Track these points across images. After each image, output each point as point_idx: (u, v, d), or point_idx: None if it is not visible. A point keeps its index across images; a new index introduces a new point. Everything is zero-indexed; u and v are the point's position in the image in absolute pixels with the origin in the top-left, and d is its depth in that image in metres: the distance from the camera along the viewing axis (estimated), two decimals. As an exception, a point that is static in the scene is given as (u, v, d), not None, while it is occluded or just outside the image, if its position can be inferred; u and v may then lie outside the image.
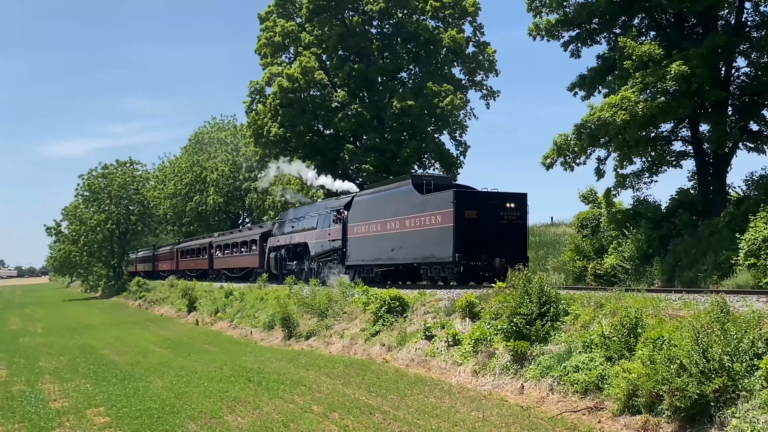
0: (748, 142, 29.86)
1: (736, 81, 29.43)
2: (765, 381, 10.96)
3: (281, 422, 14.25)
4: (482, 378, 17.27)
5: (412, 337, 21.44)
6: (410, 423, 13.81)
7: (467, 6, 51.48)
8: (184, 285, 51.38)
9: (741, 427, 10.67)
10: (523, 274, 18.17)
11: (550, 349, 16.26)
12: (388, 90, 50.70)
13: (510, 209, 26.38)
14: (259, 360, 23.43)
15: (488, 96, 54.18)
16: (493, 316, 19.00)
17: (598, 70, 31.33)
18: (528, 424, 13.35)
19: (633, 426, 12.40)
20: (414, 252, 28.31)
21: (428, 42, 50.99)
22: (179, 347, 29.29)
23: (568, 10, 31.32)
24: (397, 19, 52.06)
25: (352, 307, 26.63)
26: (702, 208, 28.55)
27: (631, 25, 30.58)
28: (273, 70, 51.75)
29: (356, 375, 19.24)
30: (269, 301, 33.64)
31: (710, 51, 26.44)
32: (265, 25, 53.78)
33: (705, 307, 13.18)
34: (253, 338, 30.92)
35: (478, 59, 52.71)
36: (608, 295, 16.86)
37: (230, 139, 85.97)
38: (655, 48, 27.19)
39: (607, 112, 27.11)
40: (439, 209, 26.47)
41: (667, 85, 26.26)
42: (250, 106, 56.23)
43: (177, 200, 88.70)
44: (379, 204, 31.66)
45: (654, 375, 12.10)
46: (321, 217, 36.95)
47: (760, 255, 21.50)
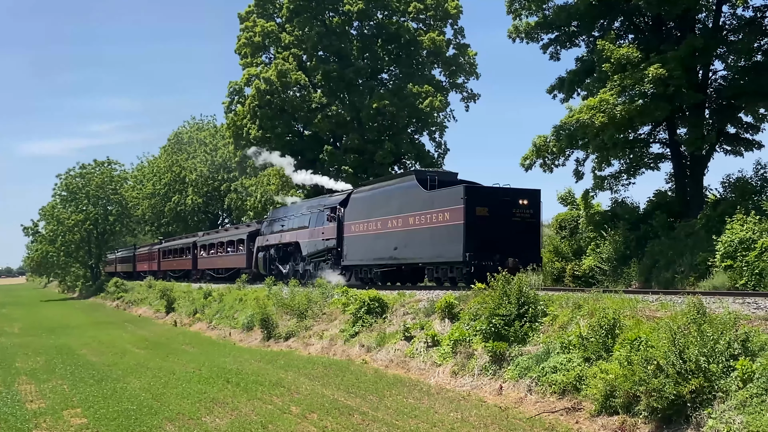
0: (725, 145, 30.16)
1: (713, 84, 29.72)
2: (741, 382, 11.06)
3: (259, 423, 14.21)
4: (461, 379, 17.31)
5: (391, 338, 21.45)
6: (389, 424, 13.82)
7: (449, 9, 51.67)
8: (163, 285, 51.12)
9: (717, 428, 10.75)
10: (502, 275, 18.20)
11: (528, 349, 16.33)
12: (367, 91, 50.77)
13: (523, 206, 25.27)
14: (238, 361, 23.35)
15: (468, 98, 54.43)
16: (472, 317, 19.05)
17: (577, 73, 31.53)
18: (506, 425, 13.39)
19: (610, 426, 12.47)
20: (419, 251, 26.99)
21: (408, 43, 51.13)
22: (157, 348, 29.14)
23: (547, 12, 31.53)
24: (377, 20, 52.15)
25: (332, 307, 26.62)
26: (679, 210, 28.78)
27: (610, 28, 30.79)
28: (252, 71, 51.75)
29: (335, 376, 19.22)
30: (248, 301, 33.53)
31: (688, 54, 26.67)
32: (245, 25, 53.75)
33: (682, 309, 13.27)
34: (231, 339, 30.81)
35: (459, 62, 52.92)
36: (586, 296, 16.94)
37: (209, 140, 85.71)
38: (633, 51, 27.39)
39: (585, 114, 27.29)
40: (447, 206, 25.21)
41: (645, 87, 26.45)
42: (229, 106, 56.16)
43: (155, 200, 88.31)
44: (379, 201, 30.21)
45: (631, 376, 12.17)
46: (314, 216, 35.73)
47: (736, 257, 21.71)
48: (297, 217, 38.28)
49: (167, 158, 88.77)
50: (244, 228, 49.79)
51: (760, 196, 25.25)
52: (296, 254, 38.07)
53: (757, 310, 13.30)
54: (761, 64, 27.63)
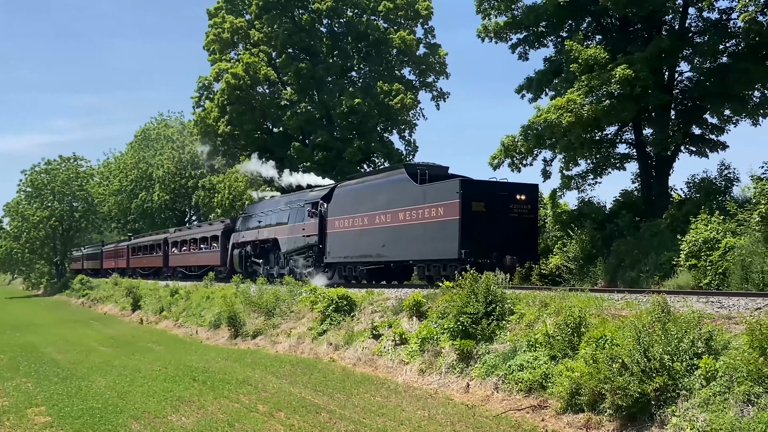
0: (690, 146, 30.51)
1: (679, 85, 30.04)
2: (704, 380, 11.20)
3: (226, 422, 14.15)
4: (428, 377, 17.37)
5: (359, 336, 21.47)
6: (356, 422, 13.82)
7: (420, 9, 51.78)
8: (129, 283, 50.68)
9: (681, 426, 10.88)
10: (470, 273, 18.28)
11: (495, 348, 16.42)
12: (337, 88, 50.74)
13: (520, 202, 24.34)
14: (205, 359, 23.23)
15: (438, 97, 54.62)
16: (440, 316, 19.12)
17: (545, 73, 31.72)
18: (473, 423, 13.46)
19: (575, 424, 12.58)
20: (410, 248, 25.80)
21: (378, 42, 51.16)
22: (123, 346, 28.89)
23: (516, 12, 31.67)
24: (346, 18, 52.09)
25: (300, 306, 26.56)
26: (645, 210, 29.06)
27: (578, 29, 31.00)
28: (222, 66, 51.45)
29: (303, 374, 19.20)
30: (216, 299, 33.36)
31: (654, 55, 26.93)
32: (213, 21, 53.47)
33: (646, 307, 13.41)
34: (198, 337, 30.65)
35: (429, 61, 53.05)
36: (553, 295, 17.08)
37: (177, 136, 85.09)
38: (600, 52, 27.60)
39: (553, 114, 27.47)
40: (441, 200, 24.10)
41: (612, 88, 26.68)
42: (197, 102, 55.82)
43: (122, 197, 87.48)
44: (366, 195, 28.94)
45: (596, 374, 12.29)
46: (293, 211, 34.57)
47: (701, 256, 21.97)
48: (275, 213, 37.21)
49: (134, 155, 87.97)
50: (219, 224, 48.40)
51: (724, 196, 25.56)
52: (274, 251, 37.12)
53: (721, 310, 13.48)
54: (726, 65, 27.99)
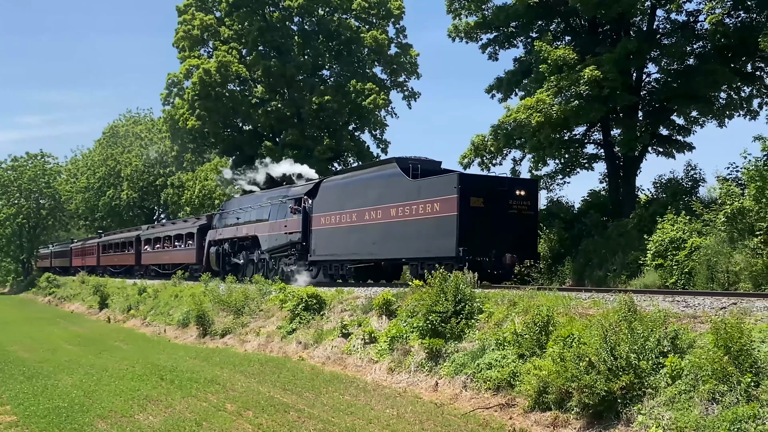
0: (657, 146, 30.86)
1: (647, 86, 30.37)
2: (670, 378, 11.32)
3: (194, 421, 14.07)
4: (397, 375, 17.39)
5: (328, 335, 21.44)
6: (325, 420, 13.81)
7: (392, 8, 51.85)
8: (96, 281, 50.19)
9: (646, 424, 10.99)
10: (440, 272, 18.32)
11: (464, 346, 16.48)
12: (308, 87, 50.62)
13: (520, 197, 23.31)
14: (173, 358, 23.08)
15: (410, 96, 54.77)
16: (409, 314, 19.16)
17: (515, 73, 31.94)
18: (441, 421, 13.50)
19: (543, 422, 12.66)
20: (403, 246, 24.69)
21: (349, 41, 51.17)
22: (90, 344, 28.61)
23: (486, 13, 31.84)
24: (318, 17, 52.00)
25: (269, 304, 26.48)
26: (612, 210, 29.33)
27: (547, 30, 31.23)
28: (192, 62, 51.09)
29: (271, 373, 19.13)
30: (184, 298, 33.15)
31: (622, 57, 27.19)
32: (183, 18, 53.06)
33: (613, 306, 13.51)
34: (166, 336, 30.43)
35: (400, 60, 53.16)
36: (521, 294, 17.17)
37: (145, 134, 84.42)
38: (569, 52, 27.82)
39: (522, 113, 27.66)
40: (437, 196, 23.05)
41: (581, 89, 26.92)
42: (167, 99, 55.42)
43: (89, 194, 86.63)
44: (354, 190, 27.71)
45: (564, 372, 12.37)
46: (275, 207, 33.27)
47: (667, 256, 22.22)
48: (255, 209, 35.90)
49: (102, 152, 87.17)
50: (194, 221, 46.89)
51: (690, 196, 25.87)
52: (254, 249, 36.00)
53: (686, 309, 13.62)
54: (693, 67, 28.33)
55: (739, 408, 9.95)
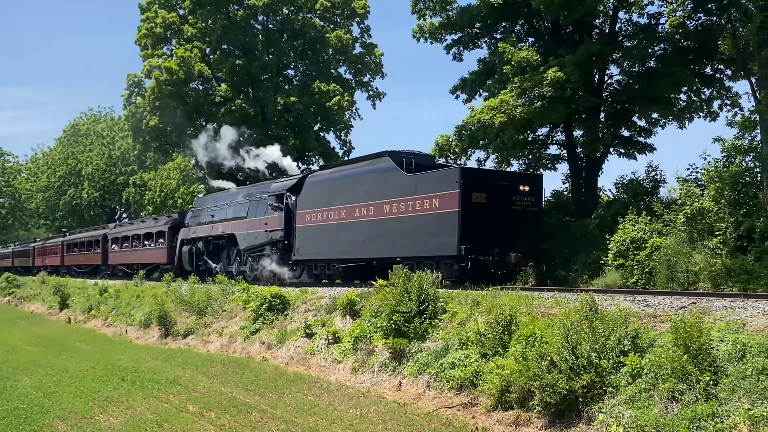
0: (619, 148, 31.18)
1: (609, 88, 30.67)
2: (630, 377, 11.44)
3: (155, 422, 13.94)
4: (361, 375, 17.38)
5: (292, 335, 21.37)
6: (288, 421, 13.76)
7: (356, 8, 51.83)
8: (56, 281, 49.49)
9: (607, 422, 11.09)
10: (403, 272, 18.33)
11: (427, 346, 16.51)
12: (272, 86, 50.41)
13: (524, 193, 22.36)
14: (134, 359, 22.85)
15: (374, 97, 54.82)
16: (373, 314, 19.17)
17: (479, 74, 32.05)
18: (404, 421, 13.51)
19: (505, 421, 12.72)
20: (397, 244, 23.38)
21: (314, 40, 51.05)
22: (50, 345, 28.22)
23: (450, 13, 31.91)
24: (282, 16, 51.81)
25: (232, 304, 26.33)
26: (575, 210, 29.57)
27: (511, 31, 31.39)
28: (153, 62, 50.63)
29: (234, 373, 19.02)
30: (146, 298, 32.84)
31: (585, 58, 27.41)
32: (146, 16, 52.51)
33: (575, 306, 13.64)
34: (128, 336, 30.11)
35: (365, 60, 53.17)
36: (484, 294, 17.25)
37: (107, 132, 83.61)
38: (533, 54, 28.00)
39: (486, 114, 27.80)
40: (437, 191, 21.94)
41: (544, 90, 27.10)
42: (128, 98, 54.90)
43: (50, 193, 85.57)
44: (343, 186, 26.44)
45: (526, 371, 12.45)
46: (253, 204, 32.08)
47: (628, 255, 22.46)
48: (231, 206, 34.58)
49: (63, 150, 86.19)
50: (165, 219, 45.32)
51: (651, 197, 26.16)
52: (230, 248, 34.70)
53: (647, 308, 13.78)
54: (654, 69, 28.64)
55: (698, 406, 10.08)
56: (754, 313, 12.02)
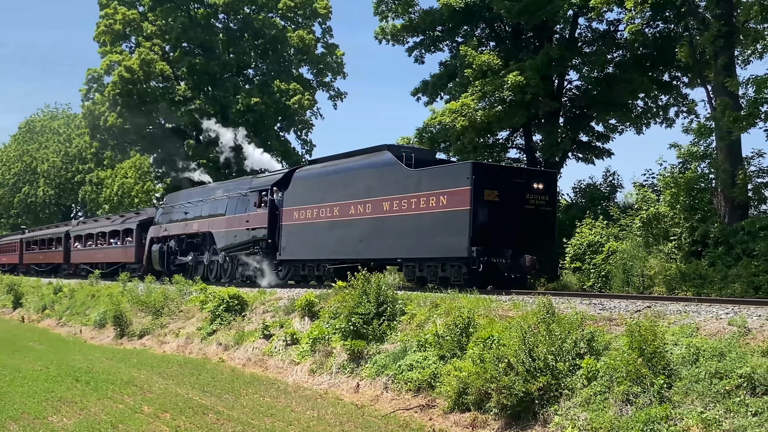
0: (578, 152, 31.51)
1: (568, 93, 31.01)
2: (586, 380, 11.55)
3: (109, 423, 13.74)
4: (319, 377, 17.33)
5: (249, 336, 21.24)
6: (244, 423, 13.66)
7: (318, 8, 51.74)
8: (10, 280, 48.67)
9: (562, 424, 11.17)
10: (362, 274, 18.30)
11: (386, 348, 16.51)
12: (233, 85, 50.09)
13: (537, 191, 20.66)
14: (88, 359, 22.53)
15: (336, 97, 54.81)
16: (331, 316, 19.12)
17: (440, 77, 32.20)
18: (362, 423, 13.49)
19: (462, 423, 12.76)
20: (398, 244, 21.73)
21: (275, 40, 50.84)
22: (2, 345, 27.68)
23: (413, 16, 32.00)
24: (243, 15, 51.52)
25: (189, 305, 26.11)
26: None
27: (473, 35, 31.59)
28: (113, 57, 50.00)
29: (190, 375, 18.85)
30: (101, 298, 32.44)
31: (544, 63, 27.68)
32: (105, 12, 51.84)
33: (532, 309, 13.73)
34: (82, 336, 29.72)
35: (326, 61, 53.12)
36: (443, 296, 17.29)
37: (63, 129, 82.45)
38: (494, 58, 28.20)
39: (447, 117, 27.98)
40: (444, 187, 20.27)
41: (504, 94, 27.32)
42: (86, 95, 54.17)
43: (3, 191, 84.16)
44: (337, 181, 24.62)
45: (483, 373, 12.49)
46: (233, 200, 30.17)
47: (585, 259, 22.71)
48: (208, 203, 32.54)
49: (17, 147, 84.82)
50: (133, 216, 43.12)
51: (608, 201, 26.48)
52: (205, 246, 32.78)
53: (602, 311, 13.90)
54: (613, 75, 29.02)
55: (652, 409, 10.19)
56: (708, 317, 12.19)
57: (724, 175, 21.72)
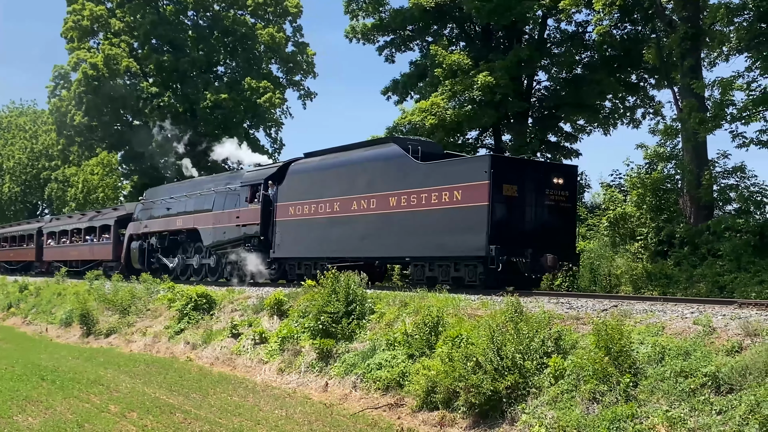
0: (546, 152, 31.73)
1: (537, 94, 31.22)
2: (553, 378, 11.64)
3: (75, 422, 13.61)
4: (287, 376, 17.29)
5: (218, 335, 21.14)
6: (212, 422, 13.59)
7: (288, 6, 51.60)
8: (-27, 278, 47.96)
9: (530, 423, 11.24)
10: (331, 273, 18.28)
11: (355, 347, 16.51)
12: (202, 83, 49.77)
13: (557, 186, 19.46)
14: (54, 358, 22.31)
15: (306, 96, 54.70)
16: (300, 315, 19.08)
17: (411, 76, 32.28)
18: (330, 422, 13.48)
19: (430, 422, 12.80)
20: (407, 242, 20.41)
21: (245, 37, 50.63)
22: (-35, 344, 27.40)
23: (383, 15, 32.05)
24: (213, 12, 51.23)
25: (157, 304, 25.93)
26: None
27: (443, 35, 31.69)
28: (80, 54, 49.48)
29: (158, 374, 18.72)
30: (67, 296, 32.11)
31: (514, 64, 27.86)
32: (72, 8, 51.27)
33: (501, 308, 13.80)
34: (48, 335, 29.40)
35: (296, 59, 53.00)
36: (412, 295, 17.31)
37: (29, 126, 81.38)
38: (464, 58, 28.33)
39: (417, 116, 28.06)
40: (459, 182, 18.99)
41: (474, 94, 27.45)
42: (53, 91, 53.58)
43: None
44: (338, 175, 23.20)
45: (452, 372, 12.53)
46: (221, 195, 28.71)
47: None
48: (193, 198, 30.99)
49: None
50: (110, 212, 41.22)
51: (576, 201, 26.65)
52: (191, 244, 31.32)
53: (570, 310, 14.00)
54: (581, 76, 29.28)
55: (618, 407, 10.29)
56: (673, 316, 12.32)
57: (690, 176, 22.00)
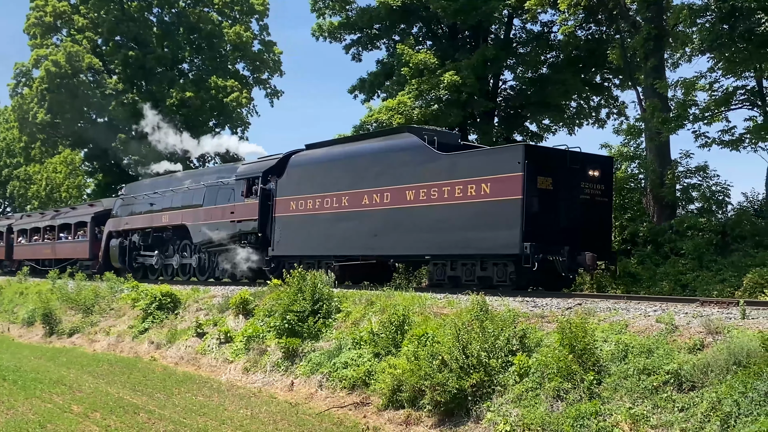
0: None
1: (503, 93, 31.37)
2: (518, 376, 11.71)
3: (37, 423, 13.46)
4: (253, 375, 17.24)
5: (182, 335, 21.01)
6: (176, 422, 13.50)
7: (255, 4, 51.33)
8: (-68, 277, 47.03)
9: (495, 420, 11.31)
10: (298, 272, 18.23)
11: (321, 345, 16.50)
12: (167, 80, 49.28)
13: (593, 179, 18.11)
14: (16, 357, 22.05)
15: (272, 94, 54.41)
16: (266, 314, 19.02)
17: (377, 75, 32.26)
18: (296, 421, 13.46)
19: (396, 420, 12.83)
20: (427, 239, 18.78)
21: (211, 35, 50.22)
22: (-76, 345, 26.94)
23: (350, 13, 32.01)
24: (178, 8, 50.78)
25: (121, 303, 25.70)
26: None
27: (409, 34, 31.73)
28: (41, 52, 48.78)
29: (121, 373, 18.58)
30: (30, 295, 31.73)
31: (480, 63, 27.97)
32: (35, 3, 50.51)
33: (467, 306, 13.86)
34: (10, 335, 29.03)
35: (263, 58, 52.73)
36: (379, 294, 17.31)
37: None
38: (430, 57, 28.39)
39: (384, 114, 28.09)
40: (488, 174, 17.46)
41: (440, 93, 27.54)
42: (15, 89, 52.77)
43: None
44: (346, 167, 21.56)
45: (417, 370, 12.57)
46: (212, 190, 27.13)
47: (519, 257, 22.90)
48: (180, 193, 29.36)
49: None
50: (87, 208, 39.27)
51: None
52: (176, 242, 29.79)
53: (535, 309, 14.11)
54: (546, 76, 29.47)
55: (582, 405, 10.39)
56: (636, 314, 12.46)
57: (653, 175, 22.26)
